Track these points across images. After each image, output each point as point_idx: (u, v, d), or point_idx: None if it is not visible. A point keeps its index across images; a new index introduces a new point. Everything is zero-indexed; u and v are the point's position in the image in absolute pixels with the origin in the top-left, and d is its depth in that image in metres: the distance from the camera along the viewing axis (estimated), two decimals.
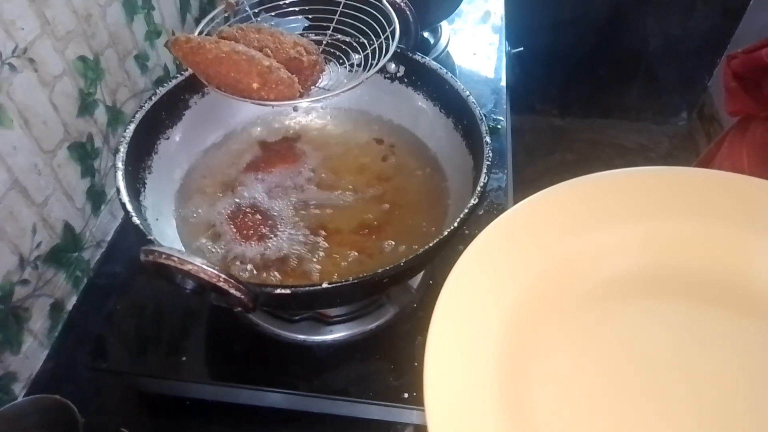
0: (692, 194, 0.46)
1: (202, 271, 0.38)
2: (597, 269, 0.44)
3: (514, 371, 0.38)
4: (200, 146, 0.63)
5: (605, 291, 0.43)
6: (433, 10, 0.83)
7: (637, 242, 0.45)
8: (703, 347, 0.40)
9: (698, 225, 0.44)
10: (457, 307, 0.40)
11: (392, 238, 0.56)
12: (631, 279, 0.44)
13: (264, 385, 0.55)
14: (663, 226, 0.45)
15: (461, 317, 0.40)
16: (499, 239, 0.44)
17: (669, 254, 0.44)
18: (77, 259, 0.67)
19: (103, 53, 0.68)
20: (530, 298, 0.42)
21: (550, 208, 0.46)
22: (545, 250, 0.44)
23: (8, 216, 0.56)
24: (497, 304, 0.41)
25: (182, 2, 0.86)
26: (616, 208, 0.46)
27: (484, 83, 0.88)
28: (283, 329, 0.57)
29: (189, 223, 0.57)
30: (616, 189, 0.47)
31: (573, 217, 0.45)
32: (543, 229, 0.45)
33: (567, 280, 0.43)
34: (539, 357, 0.40)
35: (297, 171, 0.62)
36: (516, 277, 0.42)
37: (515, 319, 0.41)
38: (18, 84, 0.55)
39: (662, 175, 0.47)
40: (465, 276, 0.42)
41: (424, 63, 0.62)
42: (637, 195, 0.46)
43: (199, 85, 0.62)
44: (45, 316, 0.63)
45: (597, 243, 0.45)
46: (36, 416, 0.48)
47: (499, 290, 0.41)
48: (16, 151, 0.56)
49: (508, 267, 0.43)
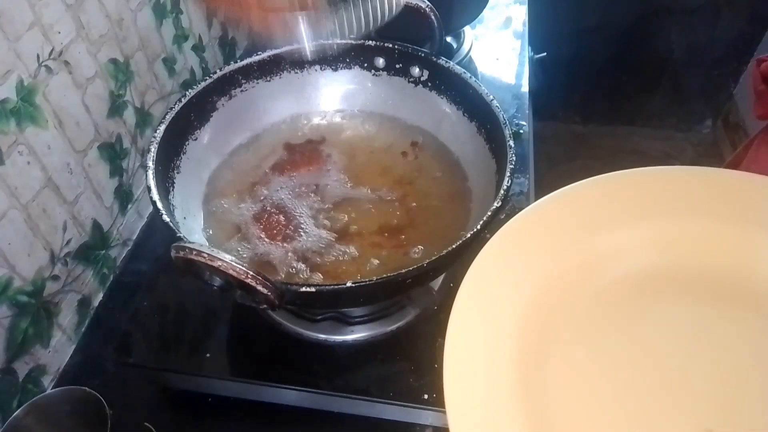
0: (708, 194, 0.45)
1: (231, 268, 0.39)
2: (613, 267, 0.44)
3: (532, 369, 0.38)
4: (227, 147, 0.65)
5: (621, 289, 0.43)
6: (457, 15, 0.84)
7: (653, 241, 0.45)
8: (719, 346, 0.40)
9: (714, 224, 0.44)
10: (474, 307, 0.40)
11: (415, 240, 0.56)
12: (647, 277, 0.44)
13: (285, 383, 0.55)
14: (679, 225, 0.45)
15: (478, 316, 0.40)
16: (515, 239, 0.44)
17: (685, 253, 0.44)
18: (104, 256, 0.69)
19: (133, 56, 0.70)
20: (546, 297, 0.42)
21: (566, 208, 0.46)
22: (561, 249, 0.44)
23: (41, 213, 0.57)
24: (513, 303, 0.41)
25: (209, 7, 0.88)
26: (632, 207, 0.46)
27: (506, 89, 0.88)
28: (305, 328, 0.58)
29: (216, 222, 0.58)
30: (631, 188, 0.47)
31: (588, 216, 0.45)
32: (558, 228, 0.45)
33: (583, 279, 0.44)
34: (556, 354, 0.40)
35: (321, 173, 0.63)
36: (532, 276, 0.42)
37: (532, 317, 0.41)
38: (54, 86, 0.57)
39: (678, 175, 0.47)
40: (481, 276, 0.42)
41: (448, 67, 0.62)
42: (653, 194, 0.46)
43: (226, 87, 0.63)
44: (73, 311, 0.64)
45: (612, 242, 0.45)
46: (66, 406, 0.49)
47: (515, 289, 0.42)
48: (50, 151, 0.57)
49: (524, 266, 0.43)
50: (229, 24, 0.57)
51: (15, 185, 0.53)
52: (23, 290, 0.56)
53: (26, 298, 0.56)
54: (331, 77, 0.68)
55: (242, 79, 0.64)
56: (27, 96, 0.54)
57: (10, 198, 0.53)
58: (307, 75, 0.67)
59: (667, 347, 0.40)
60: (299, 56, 0.65)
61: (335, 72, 0.68)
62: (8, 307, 0.54)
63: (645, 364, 0.39)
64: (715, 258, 0.44)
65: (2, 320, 0.53)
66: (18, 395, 0.56)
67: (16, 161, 0.53)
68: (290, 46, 0.64)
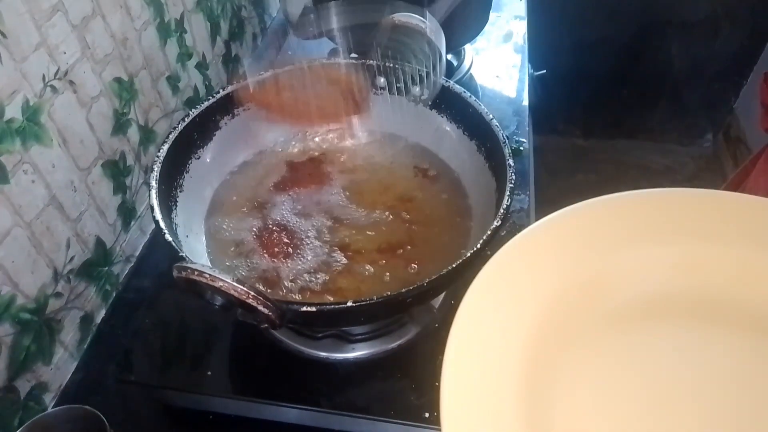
0: (721, 217, 0.45)
1: (232, 288, 0.39)
2: (619, 289, 0.44)
3: (535, 392, 0.38)
4: (230, 166, 0.65)
5: (627, 311, 0.43)
6: (457, 34, 0.85)
7: (662, 264, 0.44)
8: (727, 371, 0.40)
9: (721, 248, 0.44)
10: (474, 326, 0.40)
11: (415, 259, 0.57)
12: (654, 300, 0.44)
13: (286, 401, 0.55)
14: (687, 248, 0.44)
15: (479, 336, 0.39)
16: (517, 257, 0.44)
17: (696, 277, 0.44)
18: (107, 273, 0.69)
19: (138, 75, 0.71)
20: (549, 318, 0.41)
21: (570, 228, 0.46)
22: (565, 269, 0.44)
23: (45, 231, 0.58)
24: (515, 324, 0.41)
25: (213, 26, 0.89)
26: (638, 229, 0.45)
27: (506, 105, 0.89)
28: (306, 346, 0.58)
29: (218, 240, 0.59)
30: (637, 210, 0.46)
31: (593, 236, 0.45)
32: (563, 247, 0.44)
33: (587, 300, 0.43)
34: (561, 377, 0.39)
35: (323, 191, 0.63)
36: (534, 296, 0.42)
37: (534, 338, 0.40)
38: (59, 105, 0.58)
39: (690, 197, 0.47)
40: (482, 294, 0.41)
41: (449, 87, 0.63)
42: (660, 216, 0.46)
43: (229, 106, 0.64)
44: (75, 328, 0.64)
45: (618, 263, 0.44)
46: (68, 425, 0.49)
47: (516, 309, 0.41)
48: (54, 169, 0.58)
49: (526, 286, 0.42)
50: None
51: (19, 203, 0.54)
52: (26, 308, 0.56)
53: (29, 315, 0.56)
54: None
55: (245, 99, 0.65)
56: (32, 115, 0.54)
57: (14, 216, 0.54)
58: None
59: (674, 371, 0.40)
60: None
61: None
62: (11, 325, 0.54)
63: (651, 389, 0.39)
64: (723, 282, 0.43)
65: (5, 338, 0.54)
66: (19, 413, 0.56)
67: (21, 180, 0.54)
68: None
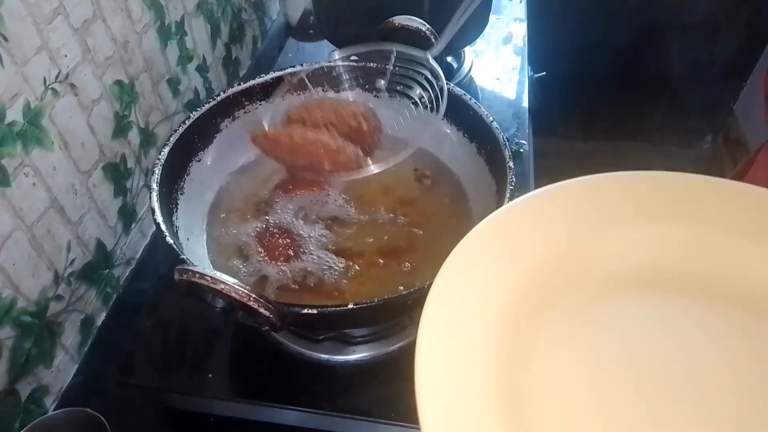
0: (700, 199, 0.45)
1: (233, 291, 0.39)
2: (598, 266, 0.43)
3: (513, 368, 0.37)
4: (230, 168, 0.65)
5: (606, 287, 0.43)
6: (457, 36, 0.84)
7: (640, 242, 0.44)
8: (707, 346, 0.39)
9: (704, 229, 0.44)
10: (449, 301, 0.38)
11: (416, 261, 0.57)
12: (634, 276, 0.43)
13: (287, 404, 0.55)
14: (668, 228, 0.44)
15: (454, 311, 0.38)
16: (496, 232, 0.43)
17: (674, 255, 0.44)
18: (108, 276, 0.69)
19: (138, 78, 0.71)
20: (528, 292, 0.41)
21: (550, 205, 0.45)
22: (542, 245, 0.43)
23: (46, 234, 0.58)
24: (493, 298, 0.40)
25: (213, 29, 0.89)
26: (619, 208, 0.45)
27: (506, 107, 0.89)
28: (306, 348, 0.58)
29: (219, 243, 0.59)
30: (619, 190, 0.46)
31: (572, 214, 0.45)
32: (541, 224, 0.44)
33: (566, 277, 0.43)
34: (538, 350, 0.39)
35: (323, 193, 0.63)
36: (513, 270, 0.41)
37: (512, 312, 0.39)
38: (60, 108, 0.58)
39: (670, 180, 0.47)
40: (457, 269, 0.40)
41: (449, 89, 0.63)
42: (641, 196, 0.46)
43: (230, 109, 0.64)
44: (76, 331, 0.64)
45: (598, 241, 0.44)
46: (69, 428, 0.49)
47: (495, 283, 0.40)
48: (55, 172, 0.58)
49: (505, 260, 0.41)
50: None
51: (20, 206, 0.54)
52: (27, 311, 0.56)
53: (30, 318, 0.56)
54: (333, 99, 0.69)
55: (245, 101, 0.65)
56: (33, 119, 0.55)
57: (15, 219, 0.54)
58: (310, 97, 0.68)
59: (653, 347, 0.40)
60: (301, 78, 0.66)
61: (337, 94, 0.68)
62: (12, 328, 0.54)
63: (631, 365, 0.38)
64: (701, 258, 0.43)
65: (6, 341, 0.54)
66: (20, 416, 0.56)
67: (22, 183, 0.54)
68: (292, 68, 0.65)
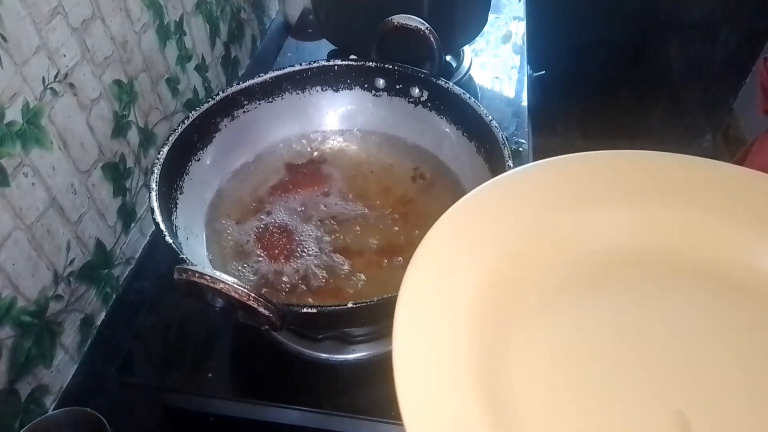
0: (680, 179, 0.45)
1: (233, 290, 0.39)
2: (576, 247, 0.43)
3: (490, 351, 0.37)
4: (230, 168, 0.65)
5: (585, 270, 0.42)
6: (456, 35, 0.85)
7: (620, 224, 0.44)
8: (686, 326, 0.39)
9: (683, 210, 0.43)
10: (424, 287, 0.38)
11: None
12: (610, 259, 0.43)
13: (287, 403, 0.55)
14: (646, 208, 0.44)
15: (429, 298, 0.38)
16: (473, 213, 0.42)
17: (652, 237, 0.43)
18: (107, 275, 0.69)
19: (137, 77, 0.71)
20: (504, 275, 0.40)
21: (526, 186, 0.44)
22: (520, 227, 0.42)
23: (45, 234, 0.58)
24: (469, 281, 0.39)
25: (212, 28, 0.89)
26: (596, 188, 0.44)
27: (506, 106, 0.89)
28: (306, 348, 0.58)
29: (218, 242, 0.59)
30: (601, 170, 0.45)
31: (551, 194, 0.44)
32: (517, 206, 0.43)
33: (544, 257, 0.42)
34: (515, 334, 0.38)
35: (323, 193, 0.63)
36: (489, 252, 0.40)
37: (489, 295, 0.39)
38: (59, 108, 0.58)
39: (648, 159, 0.46)
40: (433, 252, 0.39)
41: (448, 88, 0.63)
42: (618, 176, 0.45)
43: (229, 108, 0.64)
44: (76, 330, 0.64)
45: (576, 222, 0.43)
46: (69, 428, 0.49)
47: (471, 265, 0.39)
48: (55, 172, 0.58)
49: (482, 241, 0.41)
50: None
51: (20, 206, 0.54)
52: (27, 310, 0.56)
53: (29, 318, 0.56)
54: (332, 98, 0.69)
55: (245, 101, 0.65)
56: (32, 118, 0.54)
57: (14, 219, 0.54)
58: (309, 96, 0.68)
59: (632, 328, 0.39)
60: (300, 77, 0.66)
61: (336, 93, 0.68)
62: (11, 328, 0.54)
63: (610, 346, 0.38)
64: (683, 241, 0.43)
65: (6, 341, 0.54)
66: (20, 416, 0.56)
67: (21, 183, 0.54)
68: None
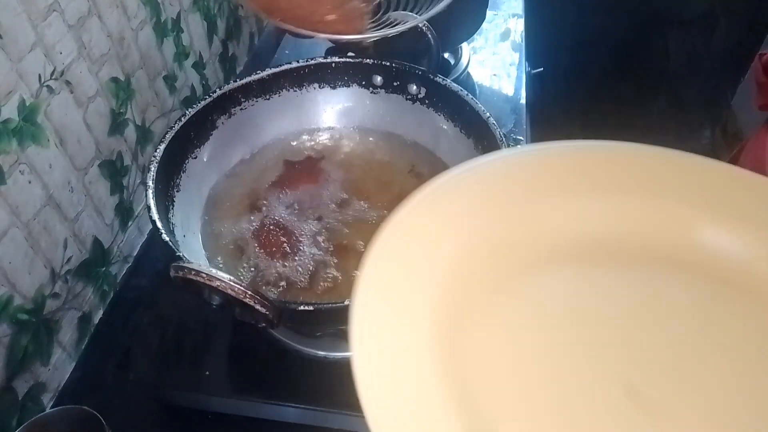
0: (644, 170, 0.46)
1: (229, 287, 0.39)
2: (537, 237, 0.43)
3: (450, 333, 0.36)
4: (227, 165, 0.65)
5: (544, 258, 0.42)
6: (454, 32, 0.85)
7: (590, 213, 0.44)
8: (639, 307, 0.40)
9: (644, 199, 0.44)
10: (383, 273, 0.37)
11: None
12: (573, 247, 0.43)
13: (285, 401, 0.56)
14: (607, 198, 0.44)
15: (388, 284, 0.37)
16: (434, 204, 0.42)
17: (609, 225, 0.44)
18: (105, 273, 0.69)
19: (134, 74, 0.71)
20: (465, 266, 0.40)
21: (491, 176, 0.45)
22: (483, 216, 0.42)
23: (42, 231, 0.58)
24: (430, 269, 0.38)
25: (209, 25, 0.89)
26: (557, 178, 0.45)
27: (504, 102, 0.89)
28: (304, 345, 0.58)
29: (215, 240, 0.59)
30: (562, 161, 0.46)
31: (514, 185, 0.44)
32: (481, 195, 0.43)
33: (506, 244, 0.42)
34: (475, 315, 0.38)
35: (320, 190, 0.63)
36: (450, 240, 0.40)
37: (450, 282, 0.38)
38: (55, 105, 0.58)
39: (629, 151, 0.47)
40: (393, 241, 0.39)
41: (445, 85, 0.63)
42: (580, 167, 0.46)
43: (226, 105, 0.64)
44: (73, 328, 0.64)
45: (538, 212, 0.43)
46: (65, 426, 0.49)
47: (432, 253, 0.39)
48: (51, 169, 0.58)
49: (442, 231, 0.40)
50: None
51: (16, 204, 0.54)
52: (23, 308, 0.56)
53: (26, 316, 0.56)
54: (330, 95, 0.69)
55: (242, 98, 0.64)
56: (29, 115, 0.54)
57: (11, 216, 0.53)
58: (306, 93, 0.68)
59: (587, 309, 0.40)
60: (297, 75, 0.66)
61: (333, 90, 0.68)
62: (8, 326, 0.54)
63: (565, 326, 0.39)
64: (643, 230, 0.43)
65: (2, 338, 0.54)
66: (17, 414, 0.56)
67: (18, 180, 0.54)
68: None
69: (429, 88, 0.65)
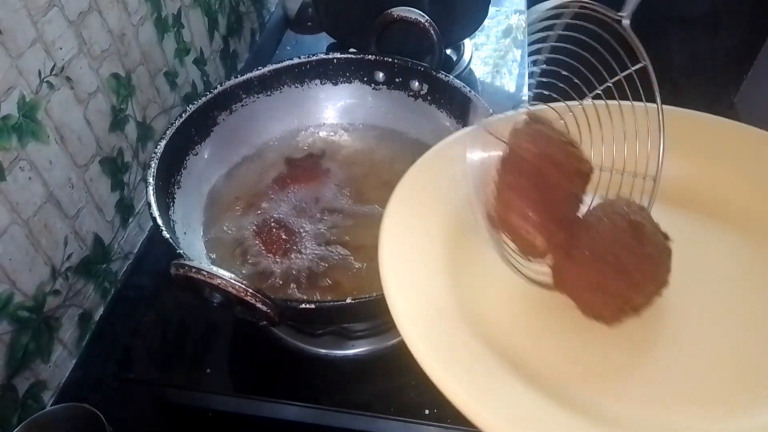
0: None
1: (230, 285, 0.39)
2: None
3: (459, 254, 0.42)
4: (228, 162, 0.65)
5: None
6: (456, 28, 0.84)
7: None
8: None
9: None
10: (404, 214, 0.43)
11: None
12: None
13: (286, 399, 0.55)
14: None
15: (408, 224, 0.43)
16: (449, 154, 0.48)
17: None
18: (106, 270, 0.69)
19: (135, 71, 0.71)
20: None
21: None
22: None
23: (43, 228, 0.57)
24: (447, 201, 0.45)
25: (210, 21, 0.88)
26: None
27: (506, 99, 0.88)
28: (305, 343, 0.58)
29: (216, 237, 0.59)
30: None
31: None
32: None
33: None
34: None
35: (322, 187, 0.63)
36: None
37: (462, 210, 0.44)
38: (55, 101, 0.57)
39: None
40: (418, 179, 0.46)
41: (448, 81, 0.62)
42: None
43: (227, 102, 0.64)
44: (74, 326, 0.64)
45: None
46: (66, 424, 0.49)
47: (447, 194, 0.45)
48: (52, 166, 0.58)
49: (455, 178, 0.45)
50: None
51: (16, 201, 0.54)
52: (24, 306, 0.56)
53: (27, 313, 0.56)
54: (332, 91, 0.68)
55: (243, 94, 0.64)
56: (29, 112, 0.54)
57: (11, 214, 0.53)
58: (308, 89, 0.68)
59: None
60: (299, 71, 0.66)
61: (335, 86, 0.68)
62: (9, 323, 0.54)
63: None
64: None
65: (3, 336, 0.53)
66: (18, 411, 0.56)
67: (18, 177, 0.53)
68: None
69: (431, 85, 0.65)
